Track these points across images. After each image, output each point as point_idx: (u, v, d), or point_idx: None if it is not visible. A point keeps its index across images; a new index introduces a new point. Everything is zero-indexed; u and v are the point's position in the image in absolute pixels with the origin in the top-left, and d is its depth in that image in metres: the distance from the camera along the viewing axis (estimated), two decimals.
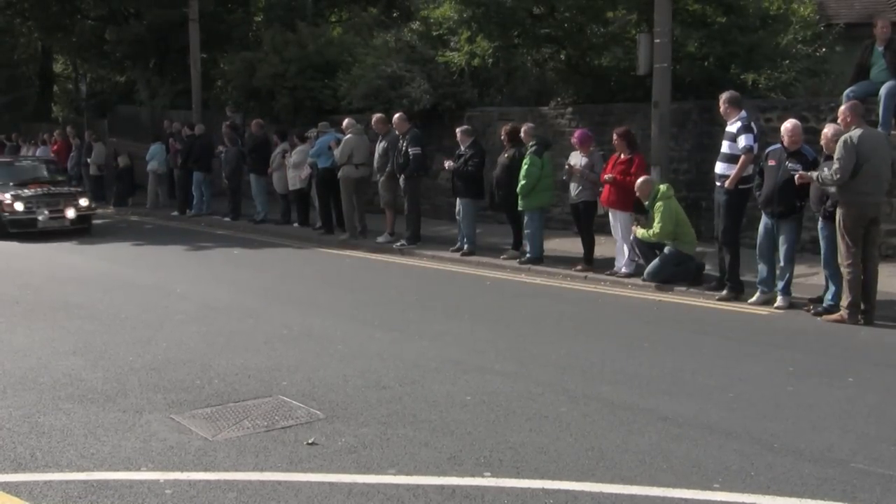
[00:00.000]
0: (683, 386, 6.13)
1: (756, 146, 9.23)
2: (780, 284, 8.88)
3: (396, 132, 13.20)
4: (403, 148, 12.94)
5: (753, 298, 8.95)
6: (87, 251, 14.16)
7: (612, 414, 5.52)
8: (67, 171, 23.12)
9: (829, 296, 8.50)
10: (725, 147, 9.41)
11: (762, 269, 9.01)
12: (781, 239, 8.86)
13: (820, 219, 8.54)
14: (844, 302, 8.18)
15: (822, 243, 8.57)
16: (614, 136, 10.63)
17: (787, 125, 8.91)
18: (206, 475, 4.60)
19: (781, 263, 8.87)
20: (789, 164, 8.71)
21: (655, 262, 9.87)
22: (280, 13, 22.72)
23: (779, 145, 8.95)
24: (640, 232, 10.05)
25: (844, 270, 8.16)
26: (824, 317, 8.33)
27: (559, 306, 9.24)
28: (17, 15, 29.86)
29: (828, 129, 8.52)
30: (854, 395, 5.95)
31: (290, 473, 4.61)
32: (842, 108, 8.48)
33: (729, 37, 12.95)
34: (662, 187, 10.04)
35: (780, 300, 8.83)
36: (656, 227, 9.81)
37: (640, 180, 10.15)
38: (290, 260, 12.95)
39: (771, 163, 8.90)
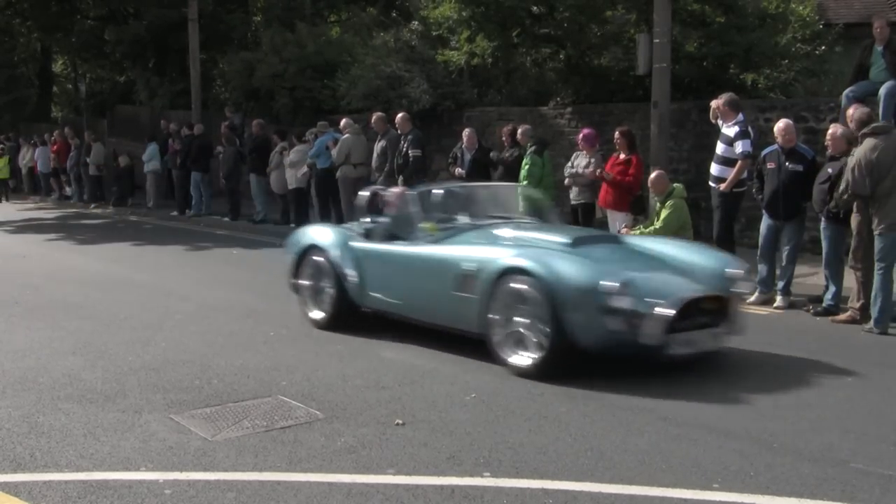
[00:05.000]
0: (683, 386, 6.13)
1: (752, 150, 9.27)
2: (780, 284, 8.88)
3: (398, 131, 13.19)
4: (404, 149, 12.92)
5: (752, 298, 8.95)
6: (86, 251, 14.17)
7: (612, 414, 5.52)
8: (67, 171, 23.21)
9: (828, 296, 8.49)
10: (720, 149, 9.41)
11: (762, 269, 9.00)
12: (785, 239, 8.86)
13: (822, 219, 8.51)
14: (857, 304, 8.15)
15: (824, 244, 8.54)
16: (616, 134, 10.61)
17: (780, 124, 8.95)
18: (205, 475, 4.60)
19: (783, 263, 8.87)
20: (790, 165, 8.72)
21: None
22: (279, 13, 22.73)
23: (775, 146, 8.96)
24: (635, 232, 9.95)
25: (858, 273, 8.13)
26: (833, 318, 8.26)
27: None
28: (17, 15, 29.89)
29: (834, 130, 8.54)
30: (854, 395, 5.95)
31: (290, 473, 4.61)
32: (850, 111, 8.47)
33: (727, 37, 12.95)
34: (678, 186, 9.98)
35: (779, 300, 8.82)
36: (659, 223, 9.73)
37: (653, 175, 10.04)
38: None
39: (770, 165, 8.90)
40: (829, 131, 8.60)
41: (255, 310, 8.88)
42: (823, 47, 14.18)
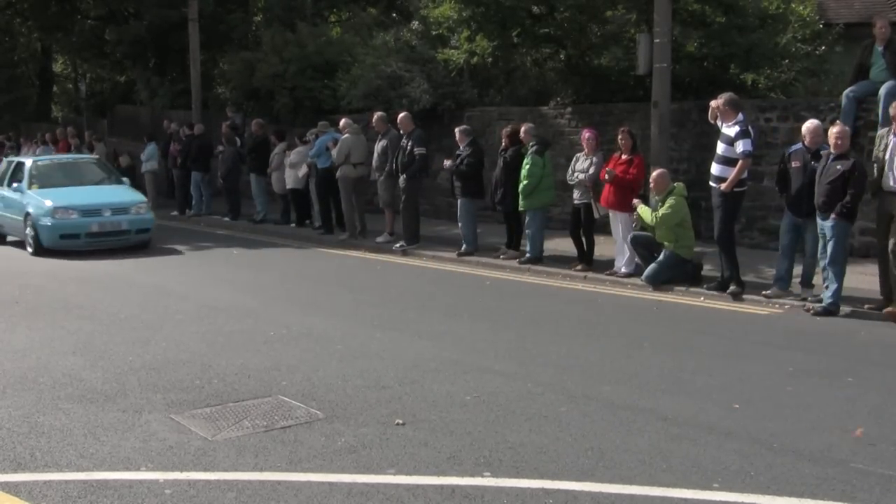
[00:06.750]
0: (683, 386, 6.13)
1: (753, 150, 9.30)
2: (801, 279, 9.03)
3: (401, 131, 13.19)
4: (409, 148, 12.91)
5: (769, 291, 9.08)
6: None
7: (612, 414, 5.52)
8: None
9: (828, 294, 8.48)
10: (721, 149, 9.42)
11: (781, 267, 9.13)
12: (807, 235, 8.92)
13: (831, 217, 8.45)
14: None
15: (830, 242, 8.46)
16: (619, 136, 10.61)
17: (809, 126, 9.06)
18: (205, 475, 4.60)
19: (807, 257, 9.01)
20: (815, 164, 8.73)
21: (653, 265, 9.84)
22: (279, 13, 22.73)
23: (800, 145, 9.00)
24: (642, 209, 9.99)
25: None
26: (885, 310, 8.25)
27: (559, 306, 9.24)
28: (17, 15, 29.91)
29: (841, 128, 8.58)
30: (854, 395, 5.95)
31: (290, 473, 4.62)
32: (893, 110, 8.47)
33: (728, 37, 12.96)
34: (679, 185, 10.03)
35: (803, 293, 8.98)
36: (661, 213, 9.75)
37: (655, 173, 10.07)
38: (290, 260, 12.95)
39: (795, 164, 8.94)
40: (836, 130, 8.59)
41: (255, 310, 8.88)
42: (823, 47, 14.19)
